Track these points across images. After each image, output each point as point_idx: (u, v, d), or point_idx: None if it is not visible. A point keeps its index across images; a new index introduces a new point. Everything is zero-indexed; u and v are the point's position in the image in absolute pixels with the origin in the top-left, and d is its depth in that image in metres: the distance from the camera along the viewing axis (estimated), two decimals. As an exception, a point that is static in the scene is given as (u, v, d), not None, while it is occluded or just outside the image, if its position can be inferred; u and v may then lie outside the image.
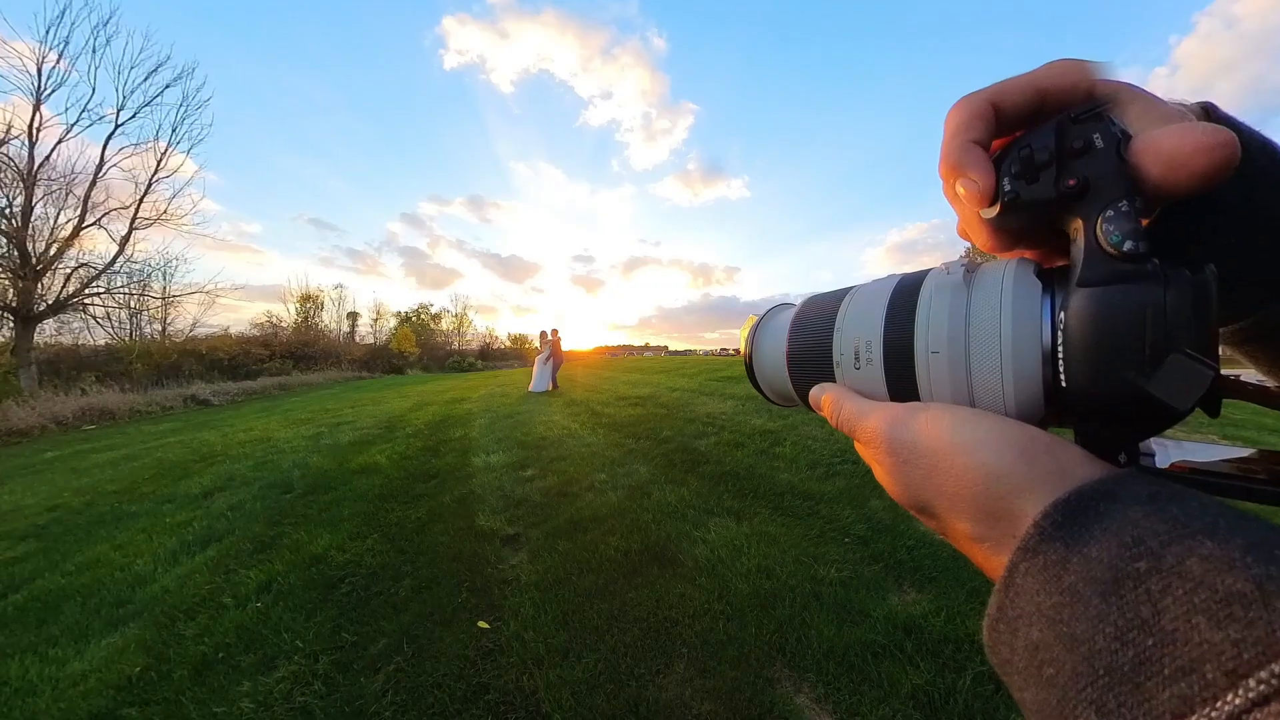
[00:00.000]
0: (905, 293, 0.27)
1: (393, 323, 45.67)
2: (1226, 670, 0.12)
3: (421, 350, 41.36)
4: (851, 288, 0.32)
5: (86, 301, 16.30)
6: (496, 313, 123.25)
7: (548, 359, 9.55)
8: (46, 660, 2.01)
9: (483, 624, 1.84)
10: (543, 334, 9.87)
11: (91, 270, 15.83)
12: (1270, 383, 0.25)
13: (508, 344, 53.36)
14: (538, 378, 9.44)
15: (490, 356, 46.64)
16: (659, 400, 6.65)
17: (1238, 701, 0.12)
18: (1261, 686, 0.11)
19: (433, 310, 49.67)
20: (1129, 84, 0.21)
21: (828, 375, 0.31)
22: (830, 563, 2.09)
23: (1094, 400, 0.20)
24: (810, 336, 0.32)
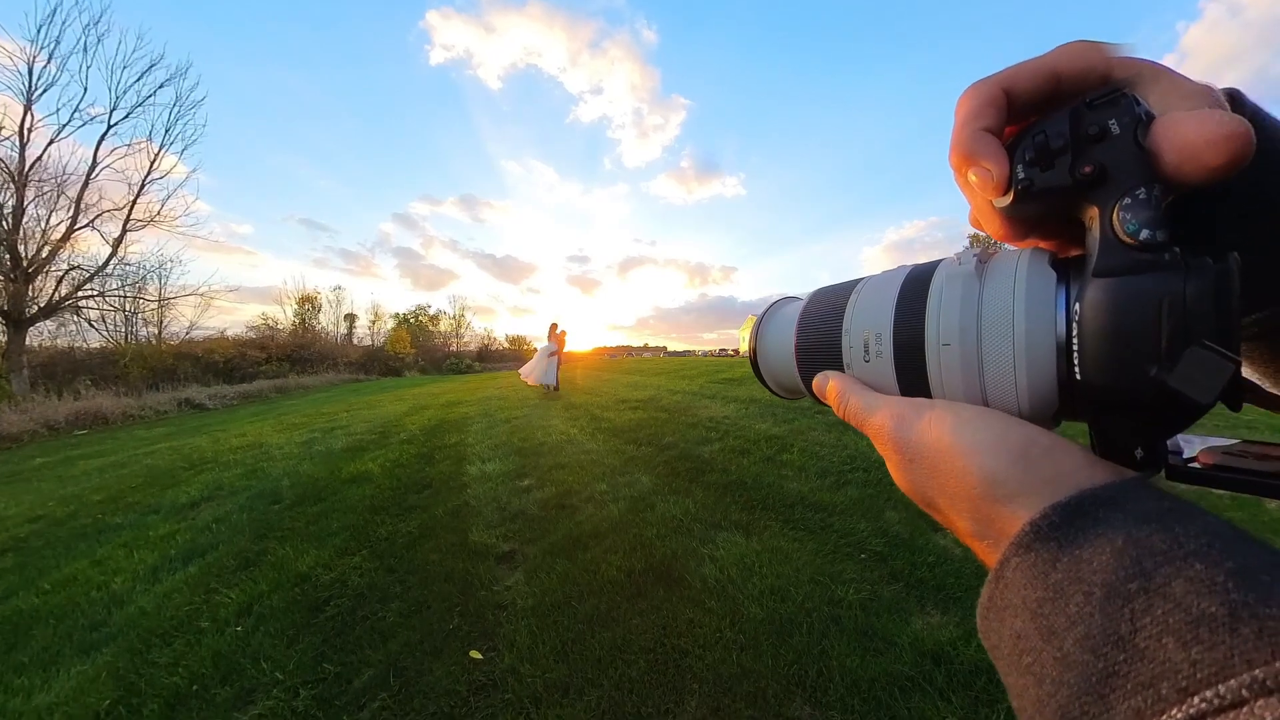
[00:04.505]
0: (916, 284, 0.26)
1: (390, 324, 45.52)
2: (1180, 687, 0.13)
3: (419, 352, 41.17)
4: (861, 279, 0.31)
5: (80, 304, 16.13)
6: (494, 314, 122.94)
7: (553, 353, 9.31)
8: (11, 691, 1.88)
9: (475, 654, 1.70)
10: (553, 326, 9.56)
11: (84, 273, 15.65)
12: (1268, 385, 0.25)
13: (506, 345, 53.20)
14: (548, 370, 9.14)
15: (488, 358, 46.41)
16: (660, 404, 6.51)
17: (1178, 715, 0.12)
18: (1203, 704, 0.12)
19: (430, 312, 49.52)
20: (1151, 62, 0.20)
21: (837, 368, 0.30)
22: (848, 582, 1.97)
23: (1110, 394, 0.19)
24: (819, 329, 0.31)
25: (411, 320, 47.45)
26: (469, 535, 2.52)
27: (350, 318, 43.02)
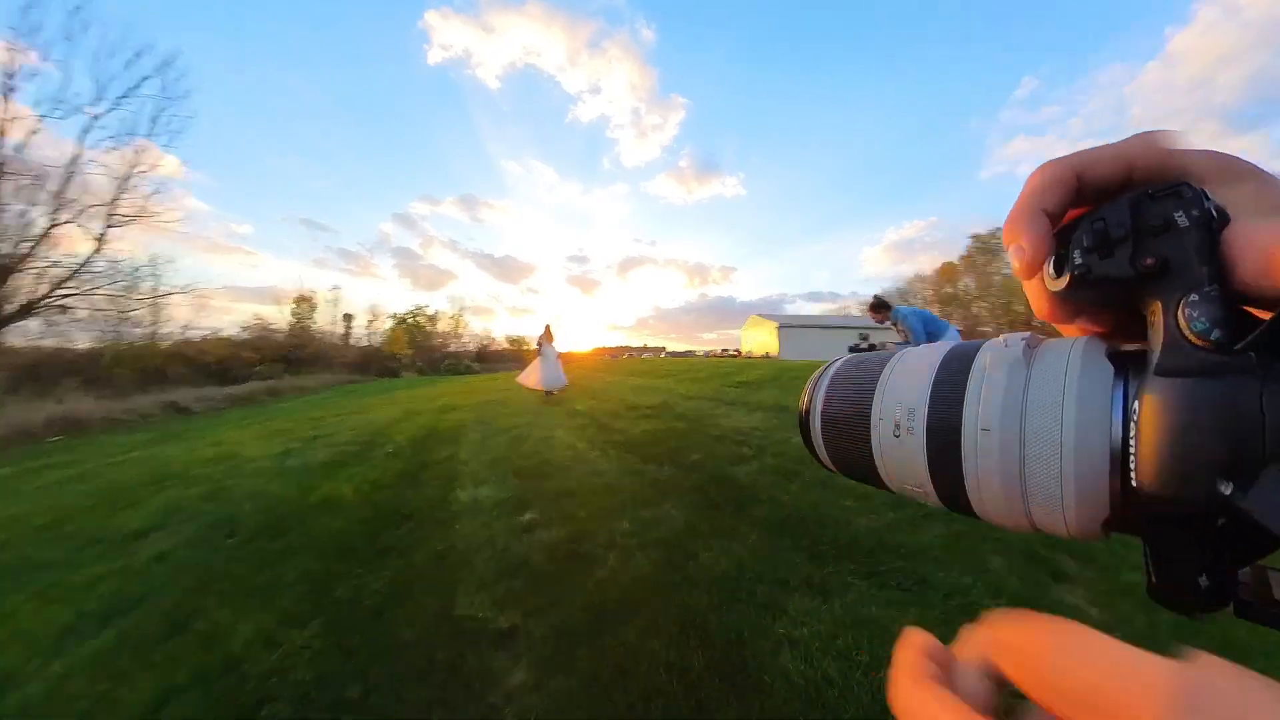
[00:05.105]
0: (957, 361, 0.24)
1: (389, 324, 44.96)
2: None
3: (416, 353, 40.59)
4: (900, 350, 0.28)
5: (60, 304, 15.46)
6: (493, 314, 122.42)
7: (558, 354, 8.55)
8: None
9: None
10: (548, 327, 8.75)
11: (64, 270, 14.99)
12: None
13: (505, 345, 52.64)
14: (555, 374, 8.33)
15: (487, 359, 45.78)
16: (674, 411, 5.89)
17: None
18: None
19: (429, 312, 48.90)
20: (1238, 159, 0.20)
21: (863, 441, 0.26)
22: (982, 678, 1.37)
23: (1169, 508, 0.17)
24: (849, 395, 0.28)
25: (409, 320, 46.88)
26: (455, 599, 1.91)
27: (348, 318, 42.44)
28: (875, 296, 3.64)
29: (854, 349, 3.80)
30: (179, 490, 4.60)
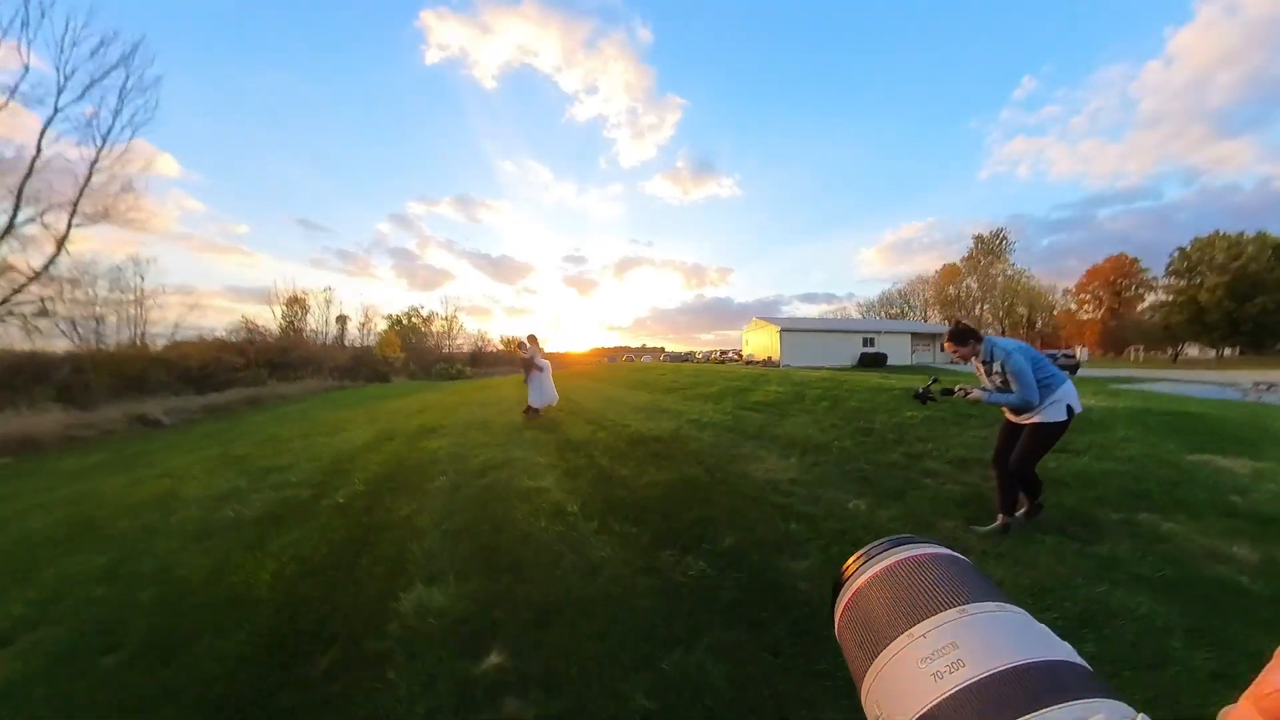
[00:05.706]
0: (1052, 682, 0.19)
1: (383, 325, 44.02)
2: None
3: (409, 355, 39.61)
4: (1000, 598, 0.23)
5: (23, 310, 14.50)
6: (490, 314, 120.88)
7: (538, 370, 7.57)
8: None
9: None
10: (532, 338, 7.74)
11: (20, 274, 14.03)
12: None
13: (500, 347, 51.70)
14: (548, 392, 7.40)
15: (481, 362, 44.76)
16: (688, 446, 5.01)
17: None
18: None
19: (424, 313, 47.93)
20: None
21: (866, 655, 0.23)
22: None
23: None
24: (902, 592, 0.24)
25: (404, 321, 45.93)
26: None
27: (342, 319, 41.46)
28: (957, 322, 2.70)
29: (923, 396, 2.89)
30: (85, 556, 3.73)
